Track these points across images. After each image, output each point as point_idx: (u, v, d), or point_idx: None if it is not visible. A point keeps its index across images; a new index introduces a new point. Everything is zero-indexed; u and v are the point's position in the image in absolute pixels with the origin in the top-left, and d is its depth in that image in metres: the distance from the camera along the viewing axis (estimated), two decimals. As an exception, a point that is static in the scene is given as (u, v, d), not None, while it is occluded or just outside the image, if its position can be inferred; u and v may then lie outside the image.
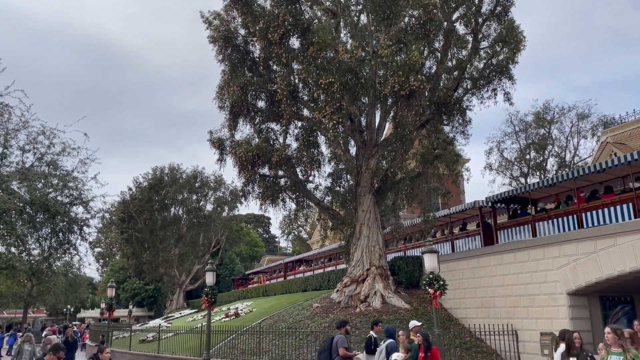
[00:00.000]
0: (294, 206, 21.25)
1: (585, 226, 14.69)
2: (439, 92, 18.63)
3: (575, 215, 15.21)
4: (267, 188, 19.99)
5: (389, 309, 17.26)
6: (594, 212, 14.70)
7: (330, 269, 30.74)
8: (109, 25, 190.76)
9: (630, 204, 13.62)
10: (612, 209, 14.13)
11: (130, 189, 46.60)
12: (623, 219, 13.66)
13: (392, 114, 19.35)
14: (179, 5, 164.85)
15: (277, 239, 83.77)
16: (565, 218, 15.61)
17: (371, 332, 11.22)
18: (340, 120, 17.47)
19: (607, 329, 7.02)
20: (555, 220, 15.95)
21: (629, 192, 14.34)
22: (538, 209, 18.03)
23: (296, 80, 19.43)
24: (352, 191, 19.99)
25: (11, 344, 28.73)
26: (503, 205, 18.80)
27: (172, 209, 48.39)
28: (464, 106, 19.31)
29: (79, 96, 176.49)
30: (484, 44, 19.22)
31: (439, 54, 19.75)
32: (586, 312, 14.11)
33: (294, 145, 20.66)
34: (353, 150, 20.30)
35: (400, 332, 10.18)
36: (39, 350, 15.68)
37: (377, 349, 10.40)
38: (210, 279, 17.37)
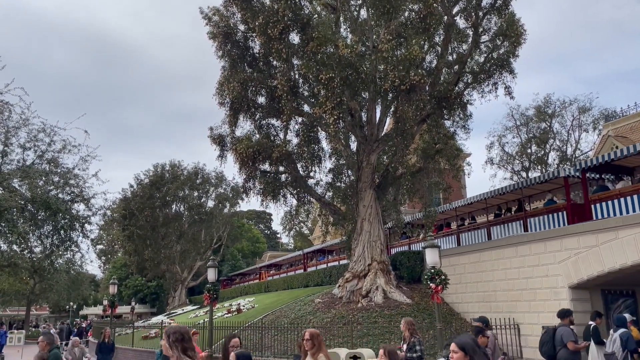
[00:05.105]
0: (295, 202, 21.27)
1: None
2: (440, 87, 18.57)
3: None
4: (268, 184, 19.97)
5: (390, 304, 17.28)
6: (597, 205, 14.72)
7: (291, 273, 35.91)
8: (111, 21, 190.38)
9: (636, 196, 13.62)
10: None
11: (131, 186, 46.60)
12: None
13: (392, 108, 19.29)
14: (182, 1, 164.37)
15: (278, 235, 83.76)
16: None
17: (593, 323, 10.77)
18: (340, 115, 17.42)
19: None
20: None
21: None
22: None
23: (296, 76, 19.37)
24: (353, 186, 19.96)
25: (2, 343, 28.55)
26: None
27: (174, 206, 48.38)
28: (465, 100, 19.24)
29: (80, 93, 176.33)
30: (485, 37, 19.12)
31: (439, 48, 19.67)
32: (588, 306, 14.10)
33: (295, 141, 20.66)
34: (354, 146, 20.27)
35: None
36: (67, 354, 14.06)
37: (607, 339, 10.13)
38: (212, 275, 17.38)
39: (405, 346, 9.01)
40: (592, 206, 14.98)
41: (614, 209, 14.33)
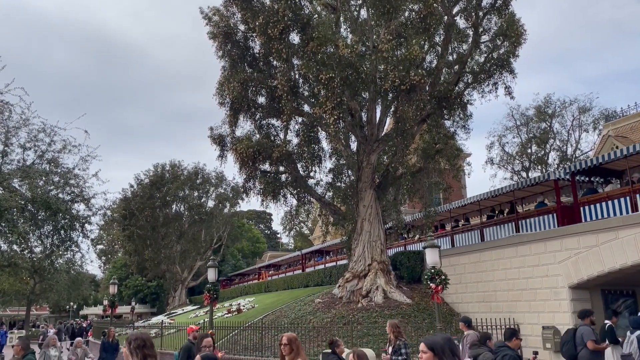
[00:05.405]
0: (295, 202, 21.28)
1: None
2: (440, 87, 18.58)
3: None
4: (268, 184, 19.98)
5: (390, 304, 17.28)
6: (586, 207, 14.80)
7: (289, 274, 36.20)
8: (111, 21, 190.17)
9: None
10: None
11: (131, 186, 46.67)
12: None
13: (392, 108, 19.29)
14: (182, 1, 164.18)
15: (278, 235, 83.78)
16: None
17: (609, 322, 10.73)
18: (340, 115, 17.43)
19: None
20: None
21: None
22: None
23: (296, 76, 19.38)
24: (353, 187, 19.96)
25: (2, 343, 28.51)
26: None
27: (174, 206, 48.43)
28: (465, 100, 19.25)
29: (80, 93, 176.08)
30: (485, 37, 19.12)
31: (439, 48, 19.68)
32: (588, 306, 14.08)
33: (295, 141, 20.68)
34: (354, 146, 20.27)
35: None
36: (70, 354, 14.17)
37: (625, 340, 9.97)
38: (212, 275, 17.39)
39: (390, 349, 8.98)
40: (581, 208, 15.09)
41: (602, 212, 14.45)
